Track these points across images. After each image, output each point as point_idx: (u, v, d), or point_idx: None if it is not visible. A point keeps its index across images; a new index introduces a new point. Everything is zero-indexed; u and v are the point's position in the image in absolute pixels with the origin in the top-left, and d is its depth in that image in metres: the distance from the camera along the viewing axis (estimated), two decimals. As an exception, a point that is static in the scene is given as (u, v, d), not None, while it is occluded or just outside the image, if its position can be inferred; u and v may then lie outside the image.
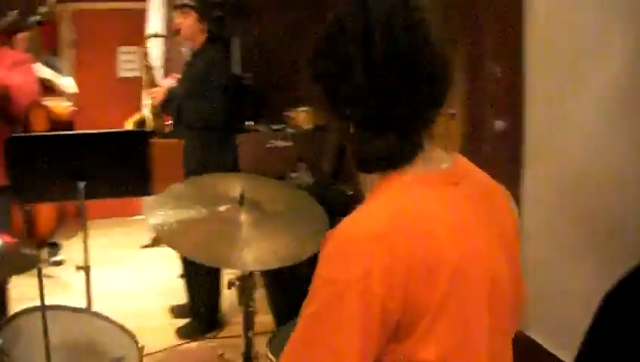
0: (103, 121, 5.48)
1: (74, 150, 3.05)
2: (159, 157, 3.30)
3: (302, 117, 5.89)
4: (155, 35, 5.20)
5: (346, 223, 1.24)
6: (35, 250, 2.09)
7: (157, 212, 2.68)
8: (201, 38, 4.05)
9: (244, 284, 2.50)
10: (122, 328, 2.23)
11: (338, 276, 1.18)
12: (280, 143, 5.75)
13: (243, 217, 2.52)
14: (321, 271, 1.21)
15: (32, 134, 3.55)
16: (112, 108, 5.74)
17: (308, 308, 1.21)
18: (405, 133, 1.26)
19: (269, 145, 5.74)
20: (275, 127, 5.89)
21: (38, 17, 4.95)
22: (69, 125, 5.10)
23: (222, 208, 2.53)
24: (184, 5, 4.08)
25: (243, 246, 2.42)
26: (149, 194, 3.09)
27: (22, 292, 4.77)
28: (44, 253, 5.66)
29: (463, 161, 1.41)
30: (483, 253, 1.28)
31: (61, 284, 5.40)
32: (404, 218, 1.21)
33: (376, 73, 1.22)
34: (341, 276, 1.18)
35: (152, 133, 3.83)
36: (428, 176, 1.28)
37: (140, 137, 3.13)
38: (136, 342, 2.17)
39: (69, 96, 5.25)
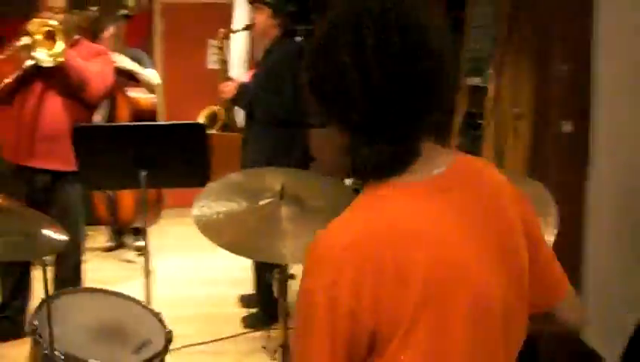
0: (193, 112, 5.67)
1: (136, 140, 3.14)
2: (218, 149, 3.36)
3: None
4: (239, 30, 5.31)
5: (321, 234, 1.23)
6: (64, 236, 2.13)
7: (200, 203, 2.75)
8: (275, 33, 4.08)
9: (282, 277, 2.53)
10: (153, 312, 2.30)
11: (310, 286, 1.20)
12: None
13: (283, 211, 2.54)
14: (300, 281, 1.23)
15: (95, 124, 3.68)
16: (202, 100, 5.88)
17: (296, 319, 1.24)
18: (398, 142, 1.23)
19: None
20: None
21: (125, 11, 5.14)
22: (151, 116, 5.28)
23: (262, 202, 2.56)
24: (258, 1, 4.13)
25: (282, 240, 2.44)
26: (205, 185, 3.15)
27: (103, 276, 5.01)
28: (128, 238, 5.88)
29: (464, 164, 1.34)
30: (465, 265, 1.22)
31: (141, 269, 5.59)
32: (376, 228, 1.19)
33: (368, 80, 1.19)
34: (312, 286, 1.19)
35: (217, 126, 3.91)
36: (416, 184, 1.24)
37: (197, 130, 3.20)
38: (165, 327, 2.23)
39: (153, 88, 5.42)
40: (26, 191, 3.71)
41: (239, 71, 6.05)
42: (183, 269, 5.40)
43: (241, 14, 6.16)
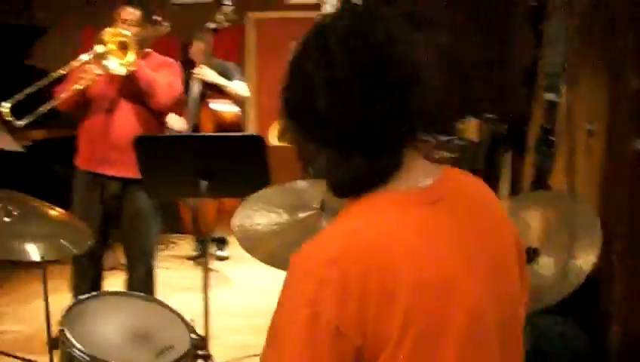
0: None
1: (197, 151, 3.21)
2: (280, 160, 3.39)
3: (471, 128, 5.76)
4: None
5: (304, 248, 1.22)
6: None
7: (241, 214, 2.76)
8: None
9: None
10: (182, 319, 2.33)
11: (290, 300, 1.18)
12: (446, 155, 5.67)
13: (324, 224, 2.51)
14: (279, 295, 1.21)
15: (155, 134, 3.78)
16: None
17: (268, 331, 1.21)
18: (374, 156, 1.21)
19: (435, 156, 5.68)
20: (442, 137, 5.81)
21: (213, 25, 5.28)
22: (235, 128, 5.39)
23: (303, 214, 2.55)
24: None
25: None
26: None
27: (187, 283, 5.15)
28: (212, 247, 6.02)
29: (452, 176, 1.32)
30: (455, 280, 1.18)
31: (223, 278, 5.71)
32: (360, 241, 1.16)
33: (338, 95, 1.18)
34: (292, 300, 1.17)
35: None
36: (400, 196, 1.23)
37: (255, 141, 3.23)
38: (193, 333, 2.26)
39: (242, 100, 5.54)
40: (99, 198, 3.85)
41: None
42: (261, 279, 5.46)
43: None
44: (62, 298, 3.39)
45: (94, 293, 2.40)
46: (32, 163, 4.82)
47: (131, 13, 3.79)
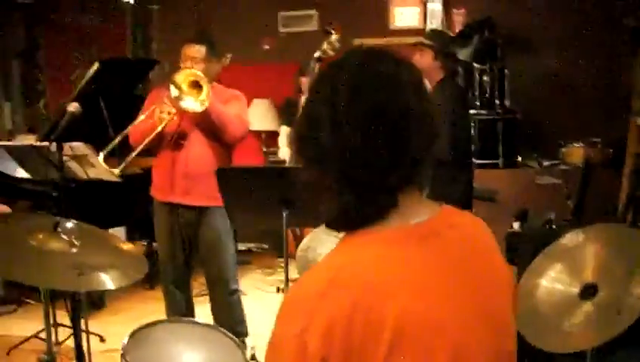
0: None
1: (277, 181, 3.29)
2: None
3: (575, 153, 5.61)
4: None
5: (295, 284, 1.27)
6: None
7: (306, 245, 2.82)
8: (439, 75, 4.10)
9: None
10: (237, 344, 2.41)
11: (280, 332, 1.22)
12: (550, 180, 5.53)
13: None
14: (272, 330, 1.25)
15: (239, 166, 3.90)
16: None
17: None
18: (366, 195, 1.25)
19: (538, 182, 5.55)
20: (545, 162, 5.69)
21: (318, 54, 5.40)
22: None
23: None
24: (420, 44, 4.16)
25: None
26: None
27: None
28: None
29: (448, 215, 1.34)
30: (440, 316, 1.19)
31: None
32: (347, 276, 1.20)
33: (339, 135, 1.23)
34: (283, 332, 1.22)
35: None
36: (391, 232, 1.25)
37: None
38: (246, 358, 2.33)
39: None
40: (174, 226, 4.01)
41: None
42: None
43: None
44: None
45: (158, 320, 2.52)
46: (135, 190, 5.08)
47: (197, 50, 3.91)
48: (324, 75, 1.31)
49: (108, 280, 2.21)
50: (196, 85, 3.74)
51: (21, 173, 5.14)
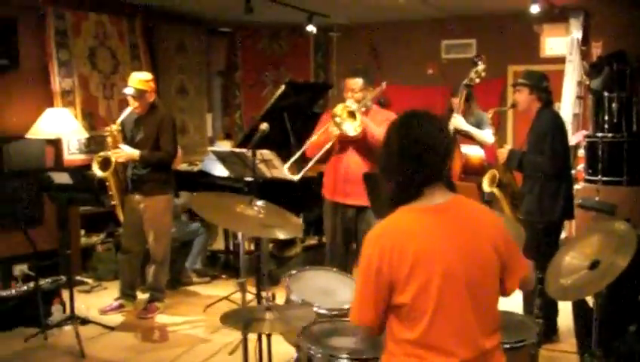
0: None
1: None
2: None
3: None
4: (508, 108, 6.24)
5: (372, 229, 2.31)
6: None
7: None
8: (537, 106, 4.88)
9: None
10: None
11: (363, 253, 2.28)
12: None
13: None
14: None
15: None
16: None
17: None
18: (404, 189, 2.29)
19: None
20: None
21: (466, 81, 6.24)
22: (478, 169, 6.28)
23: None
24: (517, 84, 4.98)
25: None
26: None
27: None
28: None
29: (457, 201, 2.33)
30: (439, 249, 2.20)
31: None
32: (392, 226, 2.26)
33: (391, 159, 2.31)
34: (364, 254, 2.27)
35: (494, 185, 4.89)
36: (418, 207, 2.27)
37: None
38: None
39: (487, 146, 6.39)
40: (337, 221, 5.01)
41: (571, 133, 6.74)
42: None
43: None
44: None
45: (310, 267, 3.69)
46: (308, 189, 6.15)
47: (355, 82, 4.87)
48: (389, 124, 2.39)
49: (279, 234, 3.34)
50: (352, 115, 4.75)
51: (220, 173, 6.46)
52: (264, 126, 3.98)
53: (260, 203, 3.29)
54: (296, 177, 4.99)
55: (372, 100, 4.99)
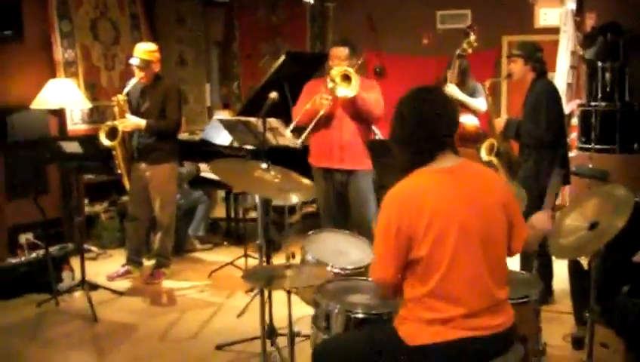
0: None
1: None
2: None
3: None
4: (504, 79, 6.40)
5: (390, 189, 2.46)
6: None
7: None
8: (531, 77, 5.02)
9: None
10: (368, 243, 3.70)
11: (382, 212, 2.46)
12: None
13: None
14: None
15: (381, 138, 5.05)
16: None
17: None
18: (418, 154, 2.49)
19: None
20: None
21: (458, 51, 6.37)
22: (474, 137, 6.44)
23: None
24: (511, 55, 5.12)
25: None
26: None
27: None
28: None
29: (466, 164, 2.54)
30: (453, 207, 2.39)
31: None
32: (409, 187, 2.46)
33: (404, 128, 2.51)
34: (382, 212, 2.46)
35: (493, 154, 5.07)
36: (431, 169, 2.46)
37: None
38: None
39: (481, 115, 6.54)
40: (329, 186, 5.18)
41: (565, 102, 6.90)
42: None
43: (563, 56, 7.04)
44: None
45: (322, 229, 3.88)
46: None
47: (342, 51, 5.03)
48: (402, 100, 2.56)
49: (294, 198, 3.49)
50: (346, 78, 4.89)
51: (221, 141, 6.60)
52: (273, 95, 4.10)
53: (274, 168, 3.45)
54: (299, 144, 5.15)
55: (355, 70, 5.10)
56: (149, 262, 6.12)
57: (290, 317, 3.00)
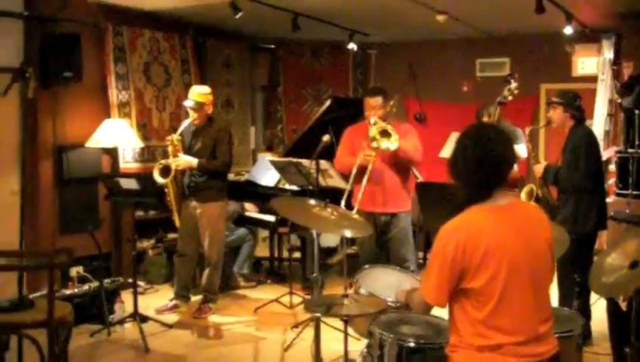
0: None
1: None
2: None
3: None
4: (541, 126, 6.57)
5: (447, 223, 2.63)
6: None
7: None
8: (569, 123, 5.20)
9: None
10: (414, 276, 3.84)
11: (438, 244, 2.58)
12: None
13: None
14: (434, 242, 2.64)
15: (432, 182, 5.22)
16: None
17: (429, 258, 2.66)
18: (476, 192, 2.62)
19: None
20: None
21: (499, 98, 6.54)
22: (515, 183, 6.56)
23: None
24: (551, 102, 5.31)
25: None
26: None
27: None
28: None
29: (518, 202, 2.70)
30: (507, 244, 2.52)
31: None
32: (467, 222, 2.56)
33: (465, 168, 2.62)
34: (436, 247, 2.59)
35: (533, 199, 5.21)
36: (487, 206, 2.59)
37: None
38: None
39: (521, 161, 6.69)
40: (374, 227, 5.25)
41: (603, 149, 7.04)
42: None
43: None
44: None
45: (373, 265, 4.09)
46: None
47: (376, 100, 5.23)
48: (463, 137, 2.68)
49: (348, 233, 3.69)
50: (385, 133, 5.07)
51: (266, 182, 6.82)
52: (326, 138, 4.32)
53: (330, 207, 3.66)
54: (349, 186, 5.34)
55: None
56: (196, 297, 6.30)
57: (346, 344, 3.16)
